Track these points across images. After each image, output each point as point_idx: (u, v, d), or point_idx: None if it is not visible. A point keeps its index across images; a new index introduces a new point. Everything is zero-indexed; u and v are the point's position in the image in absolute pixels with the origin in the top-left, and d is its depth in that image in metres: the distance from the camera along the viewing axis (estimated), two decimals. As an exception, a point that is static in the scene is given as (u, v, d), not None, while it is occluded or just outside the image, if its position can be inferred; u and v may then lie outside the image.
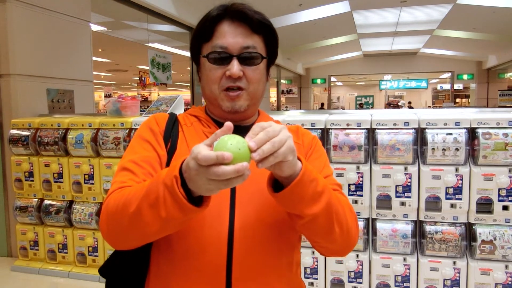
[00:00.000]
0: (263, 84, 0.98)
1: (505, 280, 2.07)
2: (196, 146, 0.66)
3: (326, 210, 0.79)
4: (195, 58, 1.02)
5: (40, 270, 2.89)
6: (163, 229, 0.75)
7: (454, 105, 15.79)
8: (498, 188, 2.06)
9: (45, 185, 2.89)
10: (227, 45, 0.91)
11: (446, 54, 14.81)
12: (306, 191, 0.75)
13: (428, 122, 2.15)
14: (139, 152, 0.93)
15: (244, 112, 0.96)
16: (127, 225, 0.77)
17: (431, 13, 8.97)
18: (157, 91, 21.61)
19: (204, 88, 0.99)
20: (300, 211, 0.77)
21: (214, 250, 0.85)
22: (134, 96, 5.10)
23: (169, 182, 0.69)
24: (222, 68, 0.92)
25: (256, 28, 0.93)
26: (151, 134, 0.97)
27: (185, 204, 0.68)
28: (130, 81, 20.48)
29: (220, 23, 0.93)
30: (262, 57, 0.95)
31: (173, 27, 6.79)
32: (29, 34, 3.24)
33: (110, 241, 0.83)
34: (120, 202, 0.78)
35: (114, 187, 0.87)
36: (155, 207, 0.71)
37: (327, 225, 0.81)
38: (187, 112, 1.06)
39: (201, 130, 0.98)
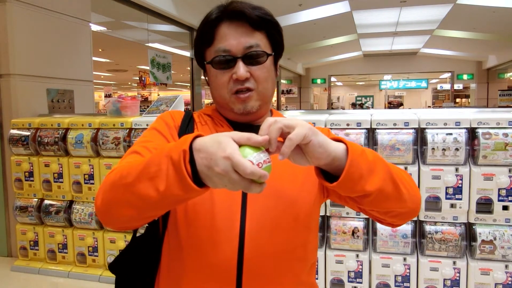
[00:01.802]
0: (272, 81, 0.95)
1: (505, 280, 2.07)
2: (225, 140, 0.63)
3: (388, 175, 0.76)
4: (200, 64, 1.00)
5: (40, 270, 2.89)
6: (158, 204, 0.70)
7: (454, 105, 15.79)
8: (498, 188, 2.06)
9: (45, 185, 2.89)
10: (229, 48, 0.89)
11: (446, 54, 14.80)
12: (362, 165, 0.72)
13: (428, 122, 2.15)
14: (151, 141, 0.91)
15: (256, 113, 0.94)
16: (122, 197, 0.73)
17: (431, 13, 8.96)
18: (157, 91, 21.61)
19: (213, 93, 0.97)
20: (363, 190, 0.74)
21: (225, 248, 0.83)
22: (134, 96, 5.10)
23: (175, 156, 0.65)
24: (228, 72, 0.90)
25: (256, 25, 0.90)
26: (166, 127, 0.95)
27: (189, 183, 0.64)
28: (130, 81, 20.48)
29: (220, 25, 0.91)
30: (267, 54, 0.92)
31: (173, 27, 6.79)
32: (29, 34, 3.24)
33: (102, 215, 0.79)
34: (118, 174, 0.75)
35: (118, 165, 0.83)
36: (154, 179, 0.67)
37: (394, 189, 0.77)
38: (201, 111, 1.04)
39: (215, 130, 0.96)
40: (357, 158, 0.71)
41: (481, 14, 8.68)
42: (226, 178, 0.61)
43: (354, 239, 2.24)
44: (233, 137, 0.64)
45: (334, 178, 0.74)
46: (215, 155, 0.62)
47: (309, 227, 0.91)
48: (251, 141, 0.64)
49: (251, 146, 0.64)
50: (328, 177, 0.76)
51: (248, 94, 0.90)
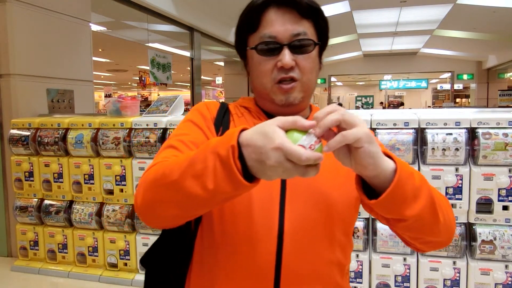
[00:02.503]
0: (316, 73, 0.91)
1: (505, 280, 2.07)
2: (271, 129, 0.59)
3: (429, 204, 0.71)
4: (240, 51, 0.95)
5: (40, 270, 2.89)
6: (206, 202, 0.67)
7: (454, 105, 15.78)
8: (498, 188, 2.06)
9: (45, 185, 2.89)
10: (276, 34, 0.84)
11: (446, 54, 14.80)
12: (407, 188, 0.67)
13: (428, 122, 2.15)
14: (187, 134, 0.87)
15: (298, 105, 0.89)
16: (164, 195, 0.69)
17: (431, 13, 8.96)
18: (157, 91, 21.62)
19: (253, 82, 0.92)
20: (401, 214, 0.69)
21: (263, 248, 0.80)
22: (134, 96, 5.10)
23: (223, 152, 0.61)
24: (273, 59, 0.85)
25: (305, 13, 0.86)
26: (202, 119, 0.91)
27: (239, 179, 0.60)
28: (130, 81, 20.48)
29: (266, 11, 0.86)
30: (315, 44, 0.88)
31: (173, 27, 6.79)
32: (29, 34, 3.24)
33: (143, 214, 0.76)
34: (160, 172, 0.71)
35: (155, 161, 0.79)
36: (201, 177, 0.63)
37: (432, 219, 0.73)
38: (237, 103, 1.00)
39: (252, 122, 0.92)
40: (404, 181, 0.67)
41: (481, 14, 8.67)
42: (280, 169, 0.58)
43: (354, 239, 2.24)
44: (278, 124, 0.60)
45: (373, 192, 0.70)
46: (264, 148, 0.58)
47: (347, 230, 0.89)
48: (297, 124, 0.60)
49: (298, 130, 0.60)
50: (367, 189, 0.72)
51: (291, 84, 0.85)
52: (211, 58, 10.43)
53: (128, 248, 2.72)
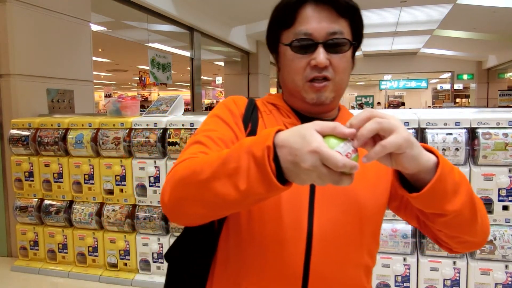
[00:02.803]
0: (349, 74, 0.89)
1: (505, 280, 2.07)
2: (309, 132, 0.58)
3: (469, 200, 0.71)
4: (272, 47, 0.93)
5: (40, 270, 2.89)
6: (236, 203, 0.65)
7: (454, 105, 15.79)
8: (498, 188, 2.06)
9: (45, 185, 2.89)
10: (311, 31, 0.82)
11: (446, 54, 14.80)
12: (448, 183, 0.67)
13: (428, 122, 2.14)
14: (215, 129, 0.85)
15: (328, 105, 0.87)
16: (195, 194, 0.67)
17: (431, 13, 8.96)
18: (157, 91, 21.61)
19: (284, 79, 0.90)
20: (442, 208, 0.69)
21: (291, 249, 0.79)
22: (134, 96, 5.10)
23: (258, 153, 0.59)
24: (307, 57, 0.83)
25: (342, 11, 0.83)
26: (230, 115, 0.88)
27: (273, 181, 0.59)
28: (130, 81, 20.48)
29: (303, 7, 0.83)
30: (351, 43, 0.85)
31: (173, 27, 6.79)
32: (29, 34, 3.24)
33: (170, 212, 0.74)
34: (190, 169, 0.69)
35: (183, 158, 0.77)
36: (233, 177, 0.62)
37: (471, 216, 0.72)
38: (264, 99, 0.98)
39: (281, 120, 0.90)
40: (445, 175, 0.67)
41: (481, 14, 8.67)
42: (315, 174, 0.57)
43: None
44: (316, 128, 0.58)
45: (410, 187, 0.70)
46: (300, 151, 0.57)
47: (375, 232, 0.88)
48: (337, 131, 0.58)
49: (335, 136, 0.59)
50: (404, 184, 0.71)
51: (324, 83, 0.84)
52: (211, 58, 10.43)
53: (128, 248, 2.72)
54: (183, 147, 2.53)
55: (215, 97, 19.11)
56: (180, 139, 2.56)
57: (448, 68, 16.03)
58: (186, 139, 2.54)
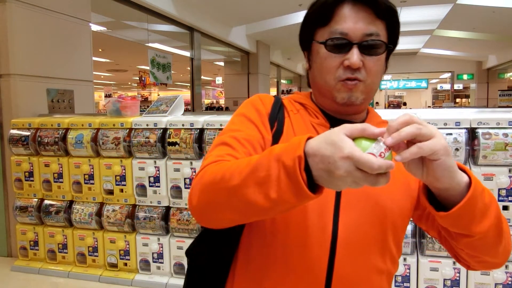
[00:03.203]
0: (381, 77, 0.88)
1: (505, 280, 2.07)
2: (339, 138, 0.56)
3: (496, 223, 0.70)
4: (304, 44, 0.91)
5: (40, 270, 2.89)
6: (267, 211, 0.64)
7: (454, 105, 15.79)
8: (498, 188, 2.06)
9: (45, 185, 2.89)
10: (347, 31, 0.81)
11: (446, 54, 14.81)
12: (478, 205, 0.66)
13: (428, 122, 2.14)
14: (241, 129, 0.83)
15: (358, 106, 0.86)
16: (224, 200, 0.67)
17: (431, 13, 8.97)
18: (157, 91, 21.62)
19: (315, 77, 0.89)
20: (468, 229, 0.68)
21: (316, 251, 0.78)
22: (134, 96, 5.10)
23: (289, 162, 0.59)
24: (340, 57, 0.82)
25: (381, 13, 0.82)
26: (257, 114, 0.87)
27: (305, 191, 0.58)
28: (130, 81, 20.48)
29: (341, 6, 0.82)
30: (387, 46, 0.84)
31: (173, 27, 6.80)
32: (29, 34, 3.24)
33: (198, 215, 0.74)
34: (219, 173, 0.68)
35: (210, 160, 0.77)
36: (263, 185, 0.61)
37: (495, 239, 0.71)
38: (291, 97, 0.96)
39: (308, 120, 0.89)
40: (476, 196, 0.65)
41: (481, 14, 8.68)
42: (350, 179, 0.56)
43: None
44: (346, 132, 0.57)
45: (437, 204, 0.69)
46: (333, 158, 0.56)
47: (399, 238, 0.87)
48: (367, 132, 0.57)
49: (366, 138, 0.58)
50: (431, 201, 0.70)
51: (355, 82, 0.82)
52: (211, 58, 10.43)
53: (128, 248, 2.72)
54: (183, 147, 2.53)
55: (215, 97, 19.12)
56: (180, 139, 2.56)
57: (448, 68, 16.04)
58: (186, 139, 2.54)
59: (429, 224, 0.85)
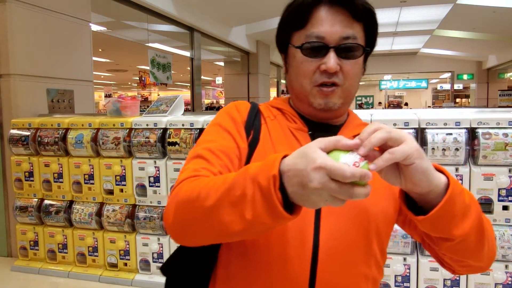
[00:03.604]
0: (359, 80, 0.86)
1: (505, 280, 2.07)
2: (311, 150, 0.55)
3: (478, 225, 0.68)
4: (282, 47, 0.89)
5: (40, 270, 2.89)
6: (244, 232, 0.63)
7: (454, 105, 15.79)
8: (498, 188, 2.06)
9: (45, 185, 2.89)
10: (324, 35, 0.79)
11: (446, 54, 14.80)
12: (457, 207, 0.64)
13: (428, 122, 2.14)
14: (216, 140, 0.82)
15: (336, 110, 0.84)
16: (199, 220, 0.66)
17: (431, 13, 8.96)
18: (157, 91, 21.63)
19: (292, 81, 0.87)
20: (449, 233, 0.66)
21: (296, 265, 0.76)
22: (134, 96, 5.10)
23: (263, 182, 0.57)
24: (317, 61, 0.80)
25: (358, 15, 0.80)
26: (232, 123, 0.85)
27: (280, 211, 0.57)
28: (130, 81, 20.48)
29: (317, 8, 0.80)
30: (364, 49, 0.82)
31: (173, 27, 6.79)
32: (29, 34, 3.24)
33: (174, 234, 0.72)
34: (194, 192, 0.67)
35: (185, 174, 0.75)
36: (238, 206, 0.60)
37: (478, 242, 0.69)
38: (269, 103, 0.94)
39: (285, 125, 0.87)
40: (455, 197, 0.63)
41: (481, 14, 8.67)
42: (325, 191, 0.54)
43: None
44: (319, 145, 0.56)
45: (418, 209, 0.67)
46: (305, 170, 0.54)
47: (383, 245, 0.85)
48: (340, 144, 0.56)
49: (340, 150, 0.57)
50: (411, 205, 0.68)
51: (332, 88, 0.80)
52: (211, 58, 10.42)
53: (128, 248, 2.72)
54: (183, 147, 2.53)
55: (215, 97, 19.12)
56: (180, 139, 2.56)
57: (448, 68, 16.03)
58: (186, 139, 2.54)
59: (412, 229, 0.84)
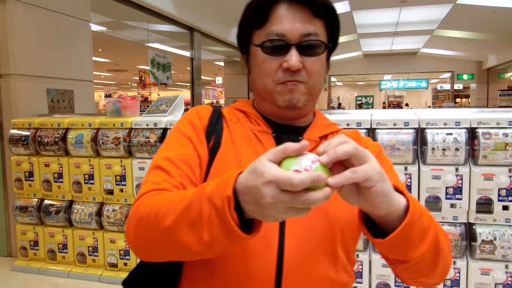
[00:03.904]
0: (323, 77, 0.84)
1: (505, 280, 2.07)
2: (260, 164, 0.54)
3: (434, 247, 0.67)
4: (243, 47, 0.88)
5: (40, 270, 2.89)
6: (202, 253, 0.62)
7: (454, 105, 15.79)
8: (498, 188, 2.06)
9: (45, 185, 2.89)
10: (284, 32, 0.77)
11: (446, 54, 14.81)
12: (415, 231, 0.63)
13: (428, 122, 2.14)
14: (176, 149, 0.80)
15: (301, 108, 0.82)
16: (159, 239, 0.66)
17: (431, 13, 8.96)
18: (157, 91, 21.62)
19: (254, 81, 0.85)
20: (405, 255, 0.65)
21: (262, 272, 0.73)
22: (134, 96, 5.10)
23: (218, 203, 0.56)
24: (278, 59, 0.79)
25: (318, 12, 0.79)
26: (192, 129, 0.84)
27: (236, 231, 0.56)
28: (130, 81, 20.48)
29: (276, 6, 0.79)
30: (326, 46, 0.81)
31: (173, 27, 6.79)
32: (29, 34, 3.23)
33: (136, 251, 0.73)
34: (153, 210, 0.66)
35: (146, 188, 0.75)
36: (196, 227, 0.59)
37: (433, 262, 0.69)
38: (232, 106, 0.92)
39: (249, 128, 0.85)
40: (414, 222, 0.62)
41: (481, 14, 8.67)
42: (280, 204, 0.52)
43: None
44: (268, 157, 0.54)
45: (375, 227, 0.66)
46: (257, 187, 0.53)
47: (351, 248, 0.83)
48: (288, 151, 0.54)
49: (290, 157, 0.55)
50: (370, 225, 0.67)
51: (296, 83, 0.79)
52: (211, 58, 10.42)
53: (128, 248, 2.72)
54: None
55: (215, 97, 19.12)
56: (180, 139, 2.56)
57: (448, 68, 16.03)
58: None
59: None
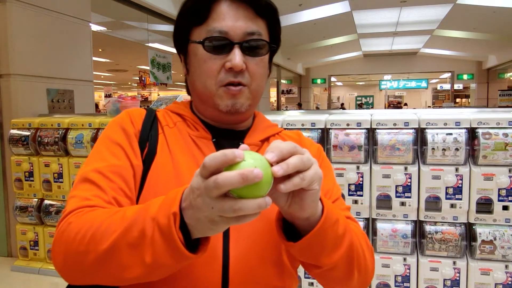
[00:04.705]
0: (265, 80, 0.81)
1: (505, 280, 2.07)
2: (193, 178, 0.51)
3: (347, 255, 0.66)
4: (180, 45, 0.83)
5: (40, 270, 2.89)
6: (143, 277, 0.57)
7: (454, 105, 15.80)
8: (498, 188, 2.06)
9: (45, 185, 2.89)
10: (227, 30, 0.74)
11: (446, 54, 14.82)
12: (328, 237, 0.62)
13: (428, 122, 2.14)
14: (107, 159, 0.73)
15: (244, 113, 0.79)
16: (95, 265, 0.59)
17: (431, 13, 8.97)
18: (157, 91, 21.62)
19: (194, 82, 0.80)
20: (317, 260, 0.64)
21: (207, 283, 0.70)
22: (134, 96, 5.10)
23: (163, 221, 0.53)
24: (221, 58, 0.74)
25: (261, 11, 0.77)
26: (124, 136, 0.77)
27: (182, 251, 0.52)
28: (130, 81, 20.49)
29: (218, 3, 0.75)
30: (270, 46, 0.79)
31: (173, 27, 6.80)
32: (29, 34, 3.24)
33: (67, 279, 0.66)
34: (88, 231, 0.60)
35: (74, 204, 0.67)
36: (137, 248, 0.55)
37: (347, 271, 0.68)
38: (168, 108, 0.85)
39: (186, 133, 0.80)
40: (327, 228, 0.61)
41: (481, 14, 8.68)
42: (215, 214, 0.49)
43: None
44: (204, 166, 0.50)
45: (290, 231, 0.64)
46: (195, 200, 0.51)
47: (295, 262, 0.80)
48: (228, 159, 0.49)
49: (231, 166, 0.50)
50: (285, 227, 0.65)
51: (239, 88, 0.75)
52: (211, 58, 10.42)
53: (128, 248, 2.71)
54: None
55: (215, 97, 19.10)
56: (180, 139, 2.56)
57: (448, 68, 16.05)
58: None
59: None
